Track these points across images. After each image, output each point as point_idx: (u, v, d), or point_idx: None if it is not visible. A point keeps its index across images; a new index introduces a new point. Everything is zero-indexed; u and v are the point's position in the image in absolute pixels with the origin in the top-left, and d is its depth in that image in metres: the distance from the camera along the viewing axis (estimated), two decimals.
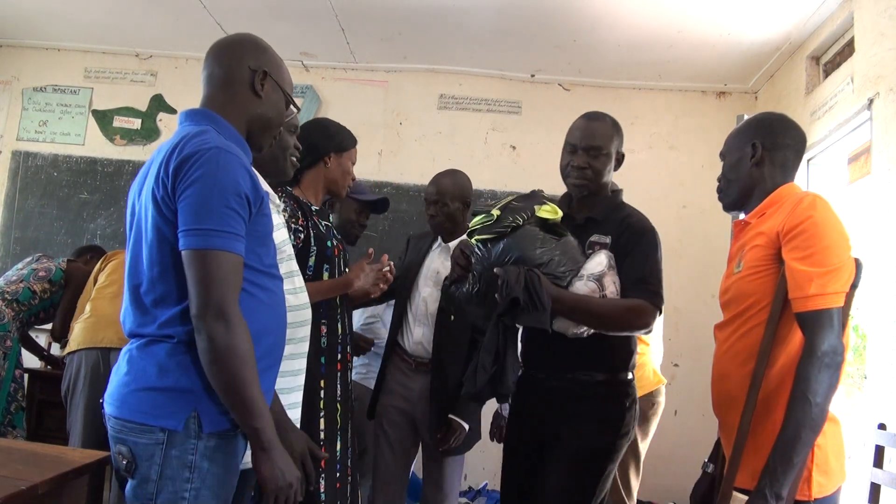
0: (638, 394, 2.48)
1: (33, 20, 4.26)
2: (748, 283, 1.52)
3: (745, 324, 1.52)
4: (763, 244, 1.50)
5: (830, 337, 1.36)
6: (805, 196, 1.50)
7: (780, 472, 1.34)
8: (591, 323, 1.79)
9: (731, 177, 1.67)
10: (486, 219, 1.82)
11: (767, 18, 3.44)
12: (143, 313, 1.26)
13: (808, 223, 1.42)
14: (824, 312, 1.37)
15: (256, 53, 1.42)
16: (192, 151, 1.22)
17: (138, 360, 1.24)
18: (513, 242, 1.78)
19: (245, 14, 3.78)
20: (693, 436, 3.74)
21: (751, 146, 1.62)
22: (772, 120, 1.69)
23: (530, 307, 1.68)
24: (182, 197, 1.20)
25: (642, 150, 4.37)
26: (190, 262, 1.19)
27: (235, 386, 1.19)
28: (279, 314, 1.38)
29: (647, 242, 1.85)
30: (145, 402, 1.21)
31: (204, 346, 1.18)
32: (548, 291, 1.70)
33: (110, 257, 3.19)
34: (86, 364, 2.84)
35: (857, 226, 2.83)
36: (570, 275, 1.79)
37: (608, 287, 1.77)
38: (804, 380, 1.35)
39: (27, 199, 4.45)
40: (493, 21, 3.74)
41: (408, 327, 2.43)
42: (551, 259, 1.77)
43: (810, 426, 1.33)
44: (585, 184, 1.93)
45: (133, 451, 1.20)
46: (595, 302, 1.75)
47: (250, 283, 1.29)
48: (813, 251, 1.40)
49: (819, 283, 1.37)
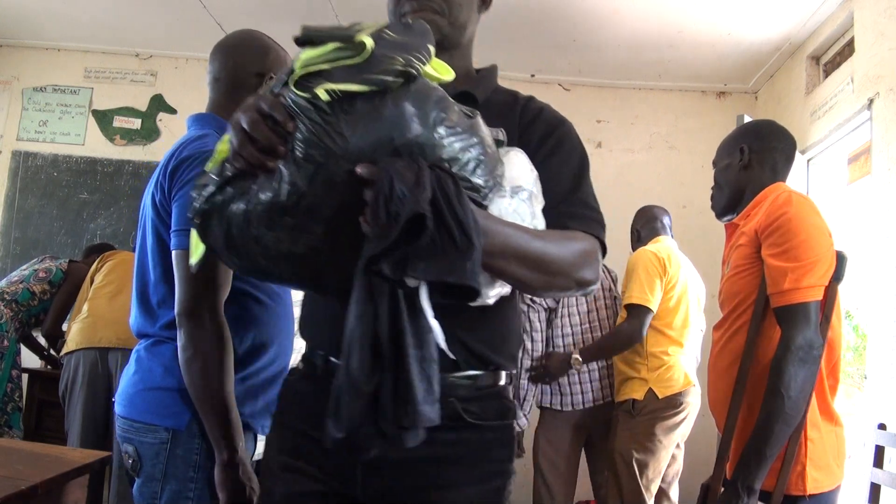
0: (662, 394, 2.51)
1: (33, 20, 4.26)
2: (734, 283, 1.54)
3: (733, 323, 1.53)
4: (745, 243, 1.52)
5: (806, 331, 1.36)
6: (782, 193, 1.51)
7: (752, 465, 1.35)
8: (529, 276, 0.94)
9: (721, 181, 1.70)
10: (343, 53, 0.84)
11: (767, 18, 3.44)
12: (149, 313, 1.27)
13: (782, 219, 1.44)
14: (799, 306, 1.38)
15: (261, 56, 1.41)
16: (188, 154, 1.23)
17: (146, 361, 1.25)
18: (400, 111, 0.84)
19: (245, 14, 3.78)
20: (693, 436, 3.74)
21: (738, 150, 1.64)
22: (760, 125, 1.72)
23: (443, 243, 0.80)
24: (176, 198, 1.21)
25: (642, 150, 4.37)
26: (177, 262, 1.19)
27: (206, 390, 1.17)
28: (284, 319, 1.37)
29: (571, 142, 1.17)
30: (151, 402, 1.22)
31: (182, 343, 1.18)
32: (474, 214, 0.84)
33: (107, 257, 3.19)
34: (83, 364, 2.84)
35: (857, 226, 2.83)
36: (490, 187, 0.93)
37: (539, 214, 1.00)
38: (778, 374, 1.36)
39: (27, 199, 4.45)
40: (492, 21, 3.72)
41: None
42: (466, 155, 0.89)
43: (783, 420, 1.34)
44: (434, 19, 1.07)
45: (139, 451, 1.21)
46: (538, 237, 0.96)
47: (258, 289, 1.28)
48: (788, 246, 1.41)
49: (793, 278, 1.38)
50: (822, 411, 1.42)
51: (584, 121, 4.42)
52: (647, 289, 2.50)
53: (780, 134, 1.67)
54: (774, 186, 1.60)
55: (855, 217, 2.97)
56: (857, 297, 3.22)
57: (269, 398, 1.30)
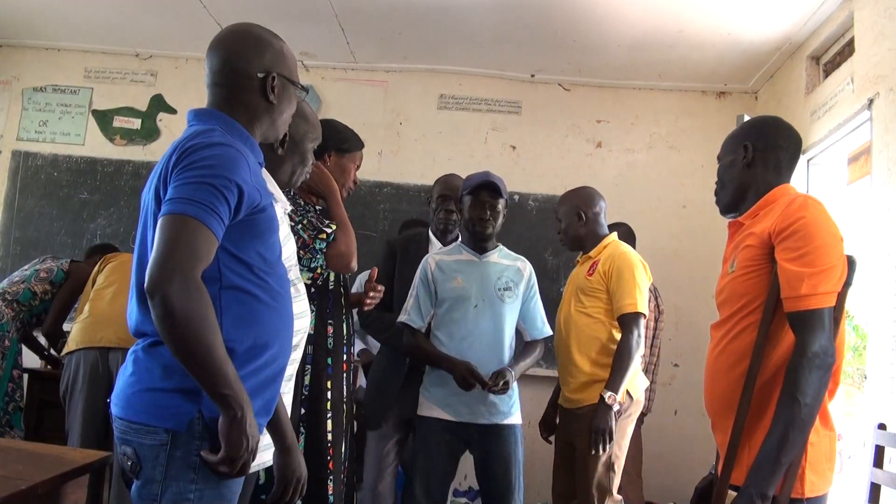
0: (635, 394, 2.48)
1: (33, 20, 4.26)
2: (741, 284, 1.52)
3: (738, 324, 1.52)
4: (755, 244, 1.50)
5: (821, 337, 1.36)
6: (797, 197, 1.50)
7: (767, 472, 1.34)
8: None
9: (724, 178, 1.68)
10: None
11: (767, 18, 3.44)
12: (148, 311, 1.25)
13: (799, 223, 1.43)
14: (815, 312, 1.37)
15: (260, 54, 1.38)
16: (192, 145, 1.22)
17: (144, 361, 1.23)
18: None
19: (245, 14, 3.77)
20: (693, 436, 3.75)
21: (742, 147, 1.63)
22: (765, 122, 1.69)
23: None
24: (175, 179, 1.19)
25: (642, 150, 4.37)
26: (160, 227, 1.15)
27: (200, 351, 1.12)
28: (285, 319, 1.35)
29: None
30: (150, 403, 1.20)
31: (159, 312, 1.10)
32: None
33: (109, 259, 3.20)
34: (84, 364, 2.85)
35: (857, 226, 2.84)
36: None
37: None
38: (794, 380, 1.35)
39: (27, 199, 4.45)
40: (493, 21, 3.74)
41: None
42: None
43: (799, 427, 1.33)
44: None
45: (138, 452, 1.19)
46: None
47: (253, 283, 1.27)
48: (805, 251, 1.40)
49: (810, 284, 1.37)
50: (821, 416, 1.42)
51: (584, 121, 4.43)
52: (640, 295, 2.40)
53: (786, 132, 1.65)
54: (783, 188, 1.59)
55: (855, 217, 2.97)
56: (857, 297, 3.22)
57: (266, 398, 1.29)
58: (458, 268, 2.38)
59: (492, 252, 2.42)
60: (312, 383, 1.90)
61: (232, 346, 1.20)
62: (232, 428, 1.16)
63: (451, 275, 2.37)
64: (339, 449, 1.94)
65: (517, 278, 2.40)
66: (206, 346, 1.12)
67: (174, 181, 1.19)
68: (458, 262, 2.40)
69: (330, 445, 1.90)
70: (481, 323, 2.32)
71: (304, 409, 1.89)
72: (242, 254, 1.25)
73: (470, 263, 2.39)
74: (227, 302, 1.23)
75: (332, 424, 1.92)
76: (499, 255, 2.44)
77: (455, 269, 2.38)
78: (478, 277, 2.36)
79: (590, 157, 4.39)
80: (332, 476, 1.89)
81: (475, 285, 2.35)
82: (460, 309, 2.33)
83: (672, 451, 3.81)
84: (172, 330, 1.11)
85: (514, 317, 2.38)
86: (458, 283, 2.35)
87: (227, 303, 1.22)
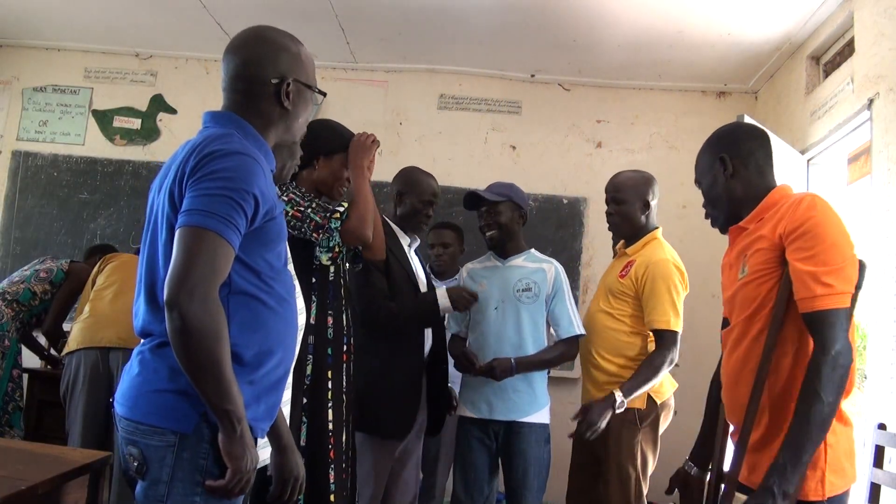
0: (659, 399, 2.47)
1: (33, 20, 4.26)
2: (754, 288, 1.50)
3: (752, 328, 1.51)
4: (766, 247, 1.49)
5: (841, 337, 1.35)
6: (805, 197, 1.50)
7: (789, 471, 1.32)
8: None
9: (713, 197, 1.69)
10: None
11: (767, 18, 3.44)
12: (157, 312, 1.24)
13: (810, 223, 1.42)
14: (832, 312, 1.36)
15: (275, 59, 1.37)
16: (211, 150, 1.21)
17: (151, 362, 1.23)
18: None
19: (245, 14, 3.78)
20: (693, 436, 3.73)
21: (719, 161, 1.64)
22: (731, 131, 1.71)
23: None
24: (193, 187, 1.19)
25: (642, 150, 4.37)
26: (180, 238, 1.16)
27: (210, 367, 1.13)
28: (290, 325, 1.35)
29: None
30: (157, 405, 1.20)
31: (176, 325, 1.12)
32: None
33: (109, 259, 3.20)
34: (85, 364, 2.85)
35: (857, 226, 2.83)
36: None
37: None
38: (816, 378, 1.34)
39: (27, 199, 4.45)
40: (493, 21, 3.74)
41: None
42: None
43: (820, 425, 1.33)
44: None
45: (144, 453, 1.19)
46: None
47: (260, 289, 1.27)
48: (817, 251, 1.39)
49: (826, 283, 1.36)
50: (837, 415, 1.41)
51: (584, 121, 4.43)
52: (673, 311, 2.35)
53: (752, 133, 1.67)
54: (782, 188, 1.59)
55: (855, 217, 2.96)
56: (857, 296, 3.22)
57: (270, 403, 1.30)
58: (484, 273, 2.55)
59: (517, 256, 2.54)
60: (314, 373, 1.92)
61: (238, 350, 1.21)
62: (234, 443, 1.18)
63: (478, 280, 2.53)
64: (339, 438, 1.97)
65: (540, 279, 2.47)
66: (215, 362, 1.14)
67: (193, 190, 1.19)
68: (485, 268, 2.57)
69: (331, 434, 1.92)
70: (503, 324, 2.43)
71: (305, 399, 1.91)
72: (252, 260, 1.26)
73: (493, 269, 2.54)
74: (235, 307, 1.23)
75: (332, 414, 1.95)
76: (524, 259, 2.53)
77: (481, 274, 2.55)
78: (499, 281, 2.49)
79: (590, 157, 4.39)
80: (333, 465, 1.91)
81: (496, 288, 2.48)
82: (483, 311, 2.47)
83: (672, 451, 3.79)
84: (187, 344, 1.13)
85: (536, 317, 2.45)
86: (481, 287, 2.49)
87: (235, 308, 1.23)
